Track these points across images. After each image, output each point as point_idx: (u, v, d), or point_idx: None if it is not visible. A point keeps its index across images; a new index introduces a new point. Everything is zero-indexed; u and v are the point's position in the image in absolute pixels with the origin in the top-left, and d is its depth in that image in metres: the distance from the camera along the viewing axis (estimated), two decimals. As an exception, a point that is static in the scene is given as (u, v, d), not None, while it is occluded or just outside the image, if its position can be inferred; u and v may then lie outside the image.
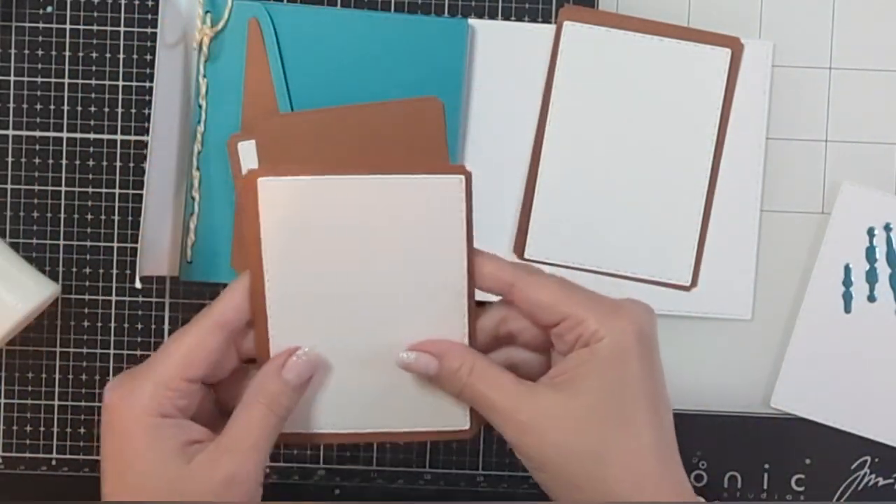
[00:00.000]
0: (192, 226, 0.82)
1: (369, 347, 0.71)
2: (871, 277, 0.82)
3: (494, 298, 0.72)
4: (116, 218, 0.83)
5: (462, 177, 0.71)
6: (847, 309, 0.82)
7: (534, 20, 0.83)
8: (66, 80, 0.83)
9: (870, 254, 0.82)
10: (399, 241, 0.71)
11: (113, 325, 0.84)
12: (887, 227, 0.82)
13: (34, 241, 0.83)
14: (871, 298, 0.82)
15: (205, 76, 0.82)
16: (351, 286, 0.71)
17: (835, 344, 0.82)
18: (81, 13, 0.83)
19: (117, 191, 0.83)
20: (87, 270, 0.83)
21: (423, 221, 0.71)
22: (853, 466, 0.83)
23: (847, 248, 0.82)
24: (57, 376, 0.84)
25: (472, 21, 0.82)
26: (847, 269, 0.82)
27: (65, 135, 0.83)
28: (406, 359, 0.70)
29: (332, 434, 0.73)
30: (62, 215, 0.83)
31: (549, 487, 0.68)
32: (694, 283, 0.83)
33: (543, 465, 0.68)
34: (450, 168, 0.74)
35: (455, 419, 0.73)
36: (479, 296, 0.72)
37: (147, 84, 0.83)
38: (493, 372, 0.69)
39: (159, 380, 0.68)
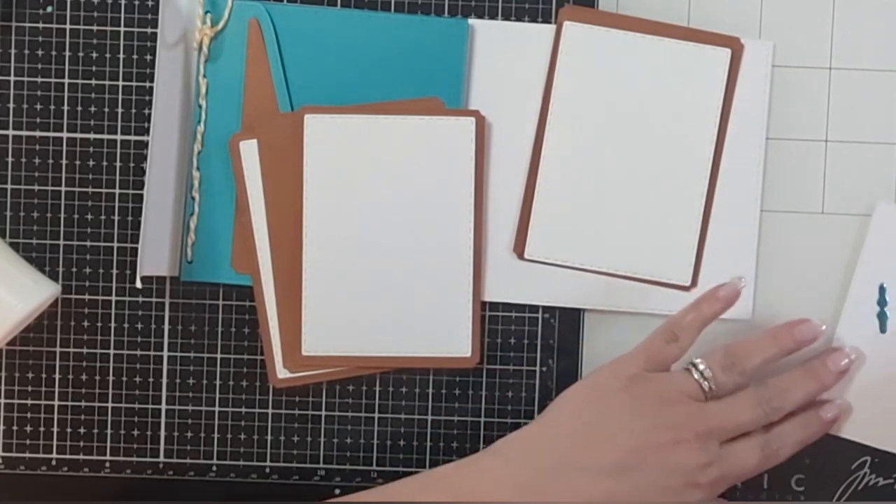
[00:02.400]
0: (192, 226, 0.82)
1: (388, 277, 0.80)
2: None
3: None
4: (116, 218, 0.83)
5: (473, 118, 0.79)
6: (882, 329, 0.82)
7: (534, 20, 0.83)
8: (66, 80, 0.83)
9: None
10: (417, 178, 0.80)
11: (113, 325, 0.84)
12: None
13: (34, 241, 0.83)
14: None
15: (205, 76, 0.82)
16: (374, 217, 0.80)
17: (872, 363, 0.81)
18: (81, 13, 0.83)
19: (117, 191, 0.83)
20: (87, 270, 0.83)
21: (438, 159, 0.80)
22: (853, 466, 0.83)
23: (882, 268, 0.82)
24: (57, 376, 0.84)
25: (472, 21, 0.82)
26: (882, 290, 0.82)
27: (65, 135, 0.83)
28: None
29: (355, 357, 0.81)
30: (62, 215, 0.83)
31: None
32: (694, 283, 0.83)
33: None
34: (463, 112, 0.80)
35: (459, 348, 0.81)
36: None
37: (147, 84, 0.83)
38: None
39: None
